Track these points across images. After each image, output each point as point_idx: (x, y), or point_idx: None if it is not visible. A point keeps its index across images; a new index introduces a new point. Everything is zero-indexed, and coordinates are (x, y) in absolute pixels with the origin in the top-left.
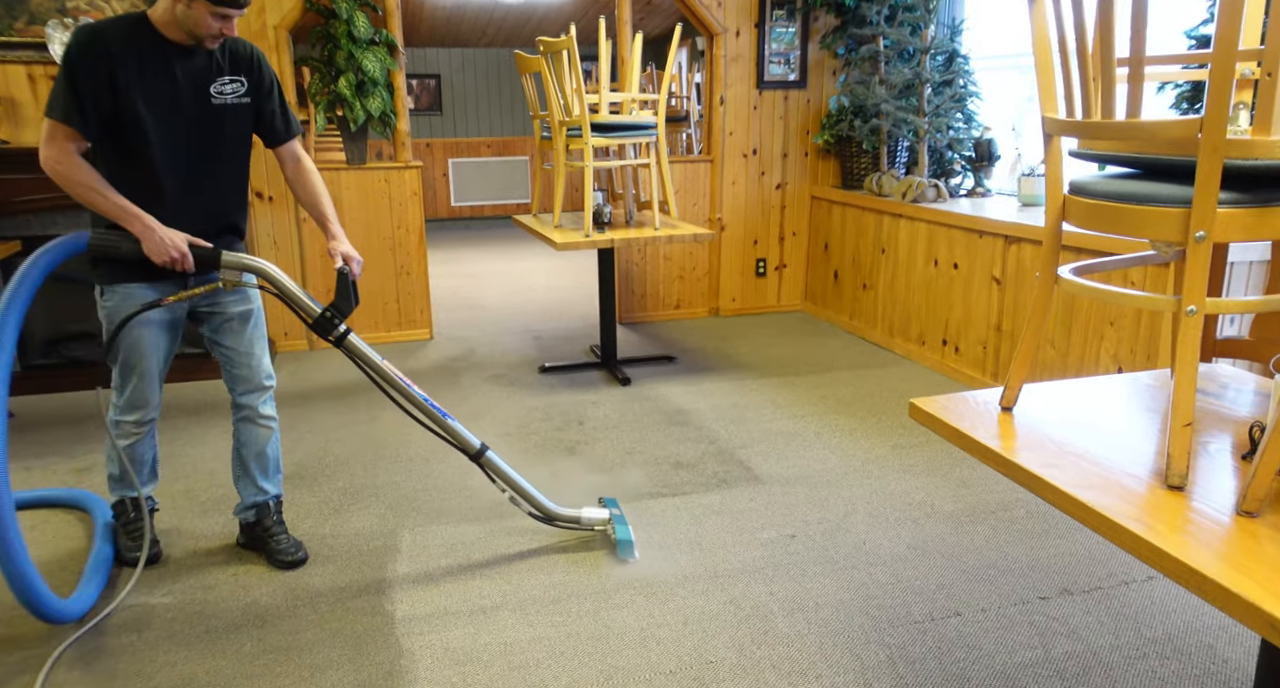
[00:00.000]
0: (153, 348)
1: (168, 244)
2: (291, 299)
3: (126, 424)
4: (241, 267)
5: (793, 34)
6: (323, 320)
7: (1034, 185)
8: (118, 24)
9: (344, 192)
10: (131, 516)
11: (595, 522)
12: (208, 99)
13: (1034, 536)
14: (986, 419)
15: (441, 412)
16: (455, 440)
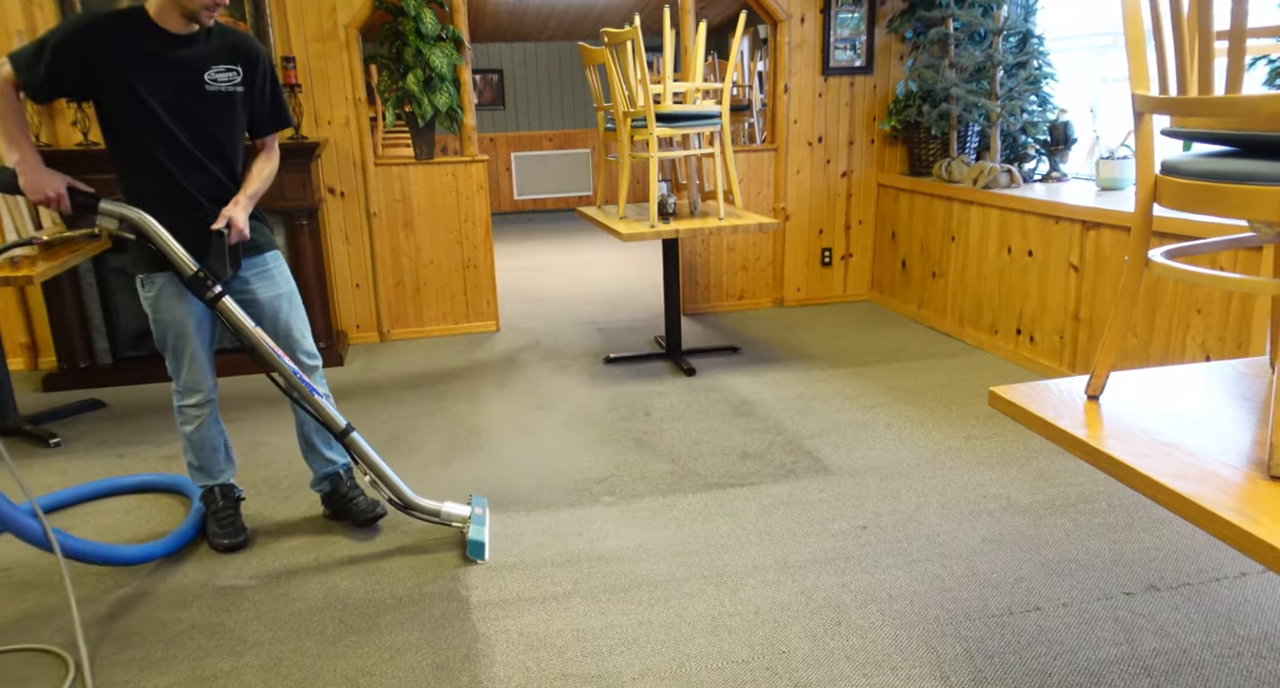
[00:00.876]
0: (193, 331)
1: (42, 182)
2: (167, 253)
3: (188, 408)
4: (118, 215)
5: (859, 19)
6: (195, 279)
7: (1114, 169)
8: (117, 17)
9: (412, 186)
10: (220, 504)
11: (454, 518)
12: (202, 85)
13: (1117, 529)
14: (1071, 408)
15: (311, 388)
16: (322, 417)
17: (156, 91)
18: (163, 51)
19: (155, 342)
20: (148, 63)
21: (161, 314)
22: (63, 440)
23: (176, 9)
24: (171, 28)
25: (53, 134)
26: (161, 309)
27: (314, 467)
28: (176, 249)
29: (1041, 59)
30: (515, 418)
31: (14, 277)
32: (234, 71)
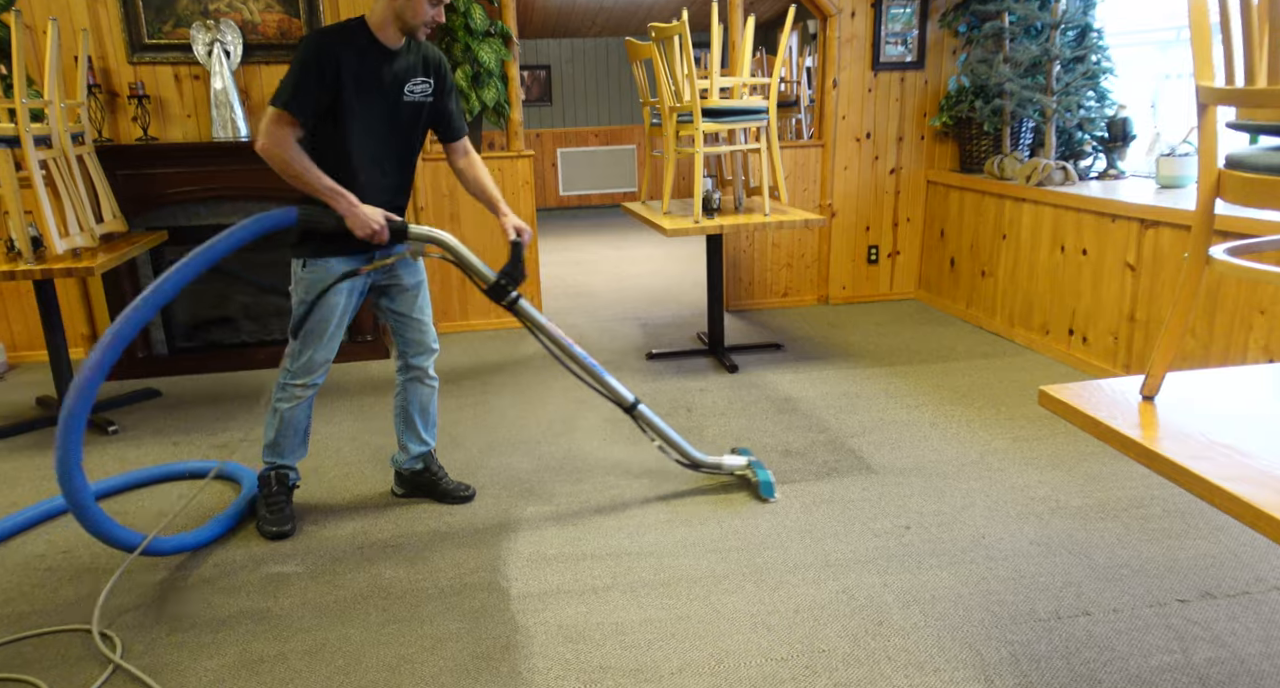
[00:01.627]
0: (342, 317)
1: (368, 219)
2: (469, 267)
3: (296, 387)
4: (427, 238)
5: (910, 13)
6: (497, 287)
7: (1175, 166)
8: (342, 29)
9: (458, 183)
10: (274, 489)
11: (735, 467)
12: (401, 96)
13: (1171, 535)
14: (1125, 408)
15: (600, 370)
16: (611, 395)
17: (368, 102)
18: (379, 64)
19: (293, 321)
20: (367, 75)
21: (310, 295)
22: (120, 428)
23: (397, 25)
24: (388, 42)
25: (114, 130)
26: (313, 291)
27: (409, 445)
28: (477, 263)
29: (1100, 53)
30: (557, 413)
31: (76, 267)
32: (428, 83)
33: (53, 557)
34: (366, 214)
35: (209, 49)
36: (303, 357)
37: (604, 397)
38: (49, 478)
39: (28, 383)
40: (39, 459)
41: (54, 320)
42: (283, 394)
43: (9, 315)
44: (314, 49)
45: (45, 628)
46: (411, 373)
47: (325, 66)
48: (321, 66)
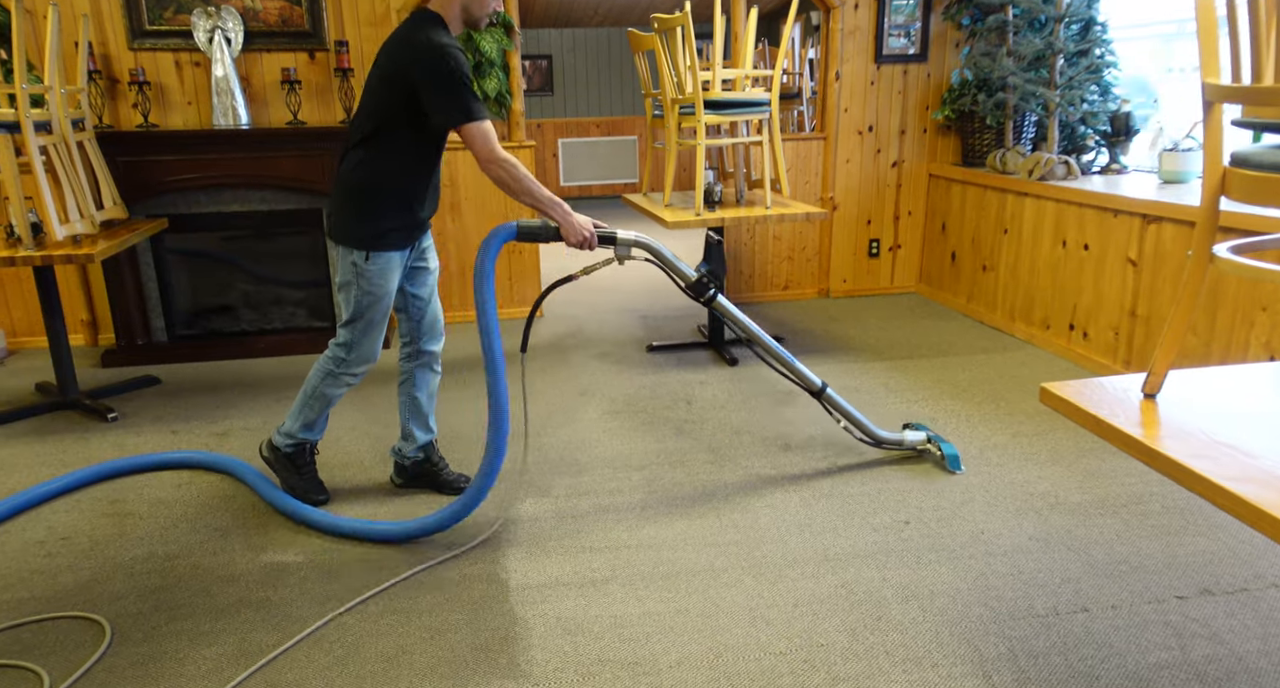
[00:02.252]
0: (389, 310)
1: (581, 227)
2: (670, 267)
3: (348, 376)
4: (634, 243)
5: (914, 5)
6: (699, 285)
7: (1178, 161)
8: (443, 30)
9: (460, 172)
10: (307, 459)
11: (917, 443)
12: None
13: (1170, 532)
14: (1127, 406)
15: (791, 358)
16: (800, 381)
17: None
18: None
19: (353, 311)
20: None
21: (376, 288)
22: (119, 415)
23: (463, 18)
24: (454, 31)
25: (114, 116)
26: (380, 283)
27: (416, 432)
28: (680, 263)
29: (1104, 47)
30: (557, 404)
31: (76, 254)
32: None
33: (52, 543)
34: (579, 222)
35: (210, 36)
36: (362, 345)
37: (795, 383)
38: (48, 463)
39: (27, 369)
40: (38, 445)
41: (54, 307)
42: (334, 381)
43: (9, 301)
44: (457, 56)
45: (44, 614)
46: (422, 359)
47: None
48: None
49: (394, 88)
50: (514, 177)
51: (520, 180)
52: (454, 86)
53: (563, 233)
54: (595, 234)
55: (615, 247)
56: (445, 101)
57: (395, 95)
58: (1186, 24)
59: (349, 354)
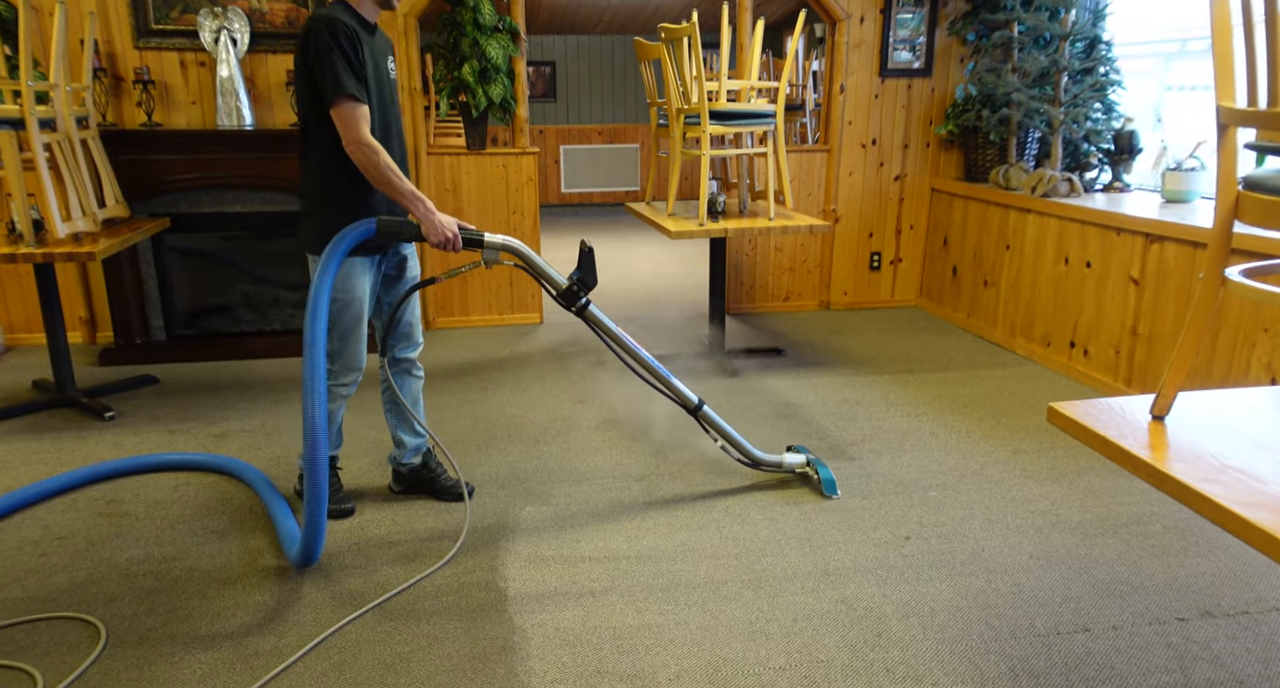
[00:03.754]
0: (365, 314)
1: (443, 227)
2: (541, 274)
3: (338, 387)
4: (501, 246)
5: (919, 19)
6: (569, 292)
7: (1181, 180)
8: (339, 8)
9: (463, 176)
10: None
11: (796, 466)
12: (387, 73)
13: (1171, 553)
14: (1135, 427)
15: (667, 373)
16: (677, 397)
17: (371, 80)
18: (368, 40)
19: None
20: (367, 53)
21: (343, 295)
22: (117, 415)
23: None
24: (368, 16)
25: (118, 115)
26: (344, 290)
27: (406, 438)
28: (550, 270)
29: (1109, 66)
30: (556, 411)
31: (77, 252)
32: (392, 60)
33: (47, 542)
34: (442, 220)
35: (216, 36)
36: (344, 355)
37: (669, 398)
38: (44, 461)
39: (24, 366)
40: (34, 443)
41: (53, 304)
42: (329, 395)
43: (7, 298)
44: (335, 28)
45: (39, 615)
46: (401, 366)
47: (354, 42)
48: (353, 43)
49: (302, 78)
50: (375, 164)
51: (382, 170)
52: (329, 58)
53: (424, 231)
54: (459, 235)
55: (483, 249)
56: (322, 74)
57: (306, 87)
58: (1190, 43)
59: (334, 365)
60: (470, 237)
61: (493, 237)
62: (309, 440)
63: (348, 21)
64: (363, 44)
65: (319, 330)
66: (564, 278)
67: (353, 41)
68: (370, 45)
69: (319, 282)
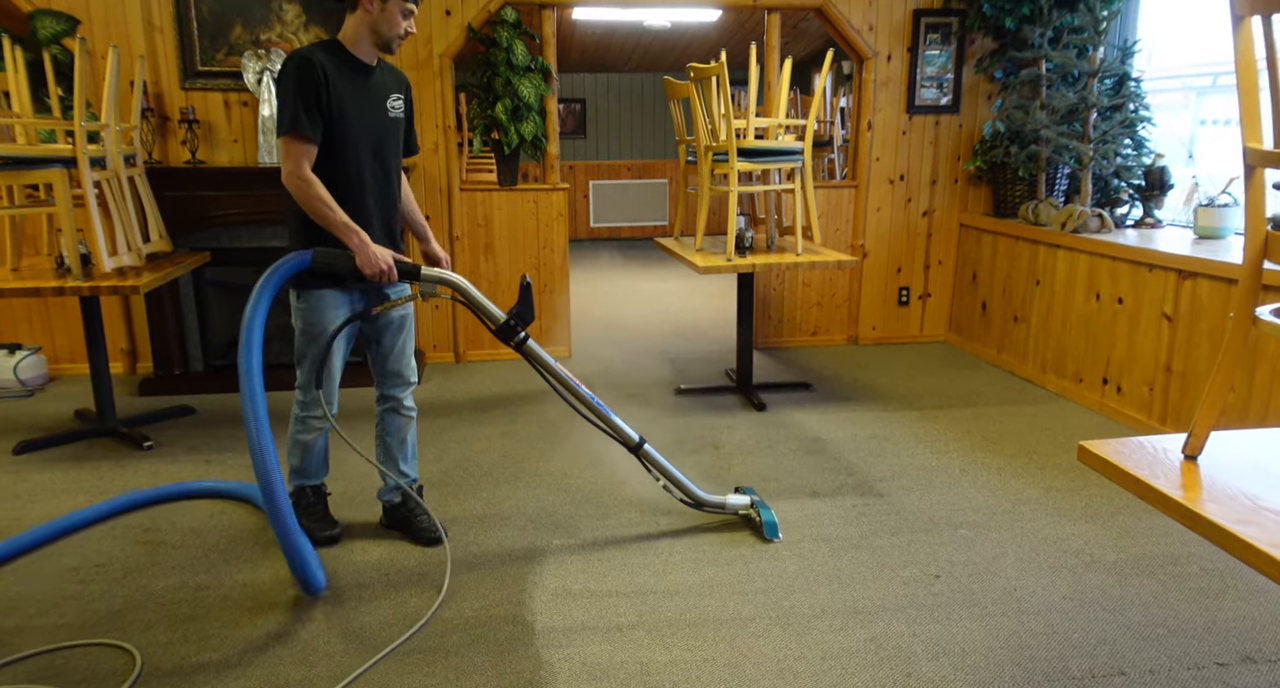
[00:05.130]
0: (340, 351)
1: (377, 258)
2: (479, 308)
3: (313, 419)
4: (438, 280)
5: (947, 57)
6: (506, 328)
7: (1214, 216)
8: (322, 47)
9: (495, 211)
10: (311, 500)
11: (739, 507)
12: (386, 111)
13: (1209, 595)
14: (1167, 467)
15: (606, 410)
16: (617, 435)
17: (360, 117)
18: (361, 79)
19: (296, 353)
20: (353, 90)
21: (314, 326)
22: (155, 444)
23: (371, 39)
24: (364, 57)
25: (164, 152)
26: (315, 321)
27: (388, 479)
28: (487, 304)
29: (1138, 102)
30: (583, 445)
31: (122, 286)
32: (401, 100)
33: (86, 570)
34: (376, 253)
35: (259, 77)
36: (312, 389)
37: (610, 437)
38: (85, 490)
39: (67, 395)
40: (75, 472)
41: (97, 336)
42: (302, 427)
43: (53, 328)
44: (302, 66)
45: (76, 641)
46: (389, 404)
47: (318, 81)
48: (316, 81)
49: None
50: (307, 196)
51: (313, 202)
52: (283, 93)
53: (358, 262)
54: (394, 267)
55: (420, 282)
56: (278, 107)
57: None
58: (1221, 77)
59: (305, 396)
60: (406, 269)
61: (429, 270)
62: (258, 472)
63: (322, 60)
64: (330, 82)
65: (252, 363)
66: (502, 313)
67: (316, 80)
68: (357, 84)
69: (250, 313)
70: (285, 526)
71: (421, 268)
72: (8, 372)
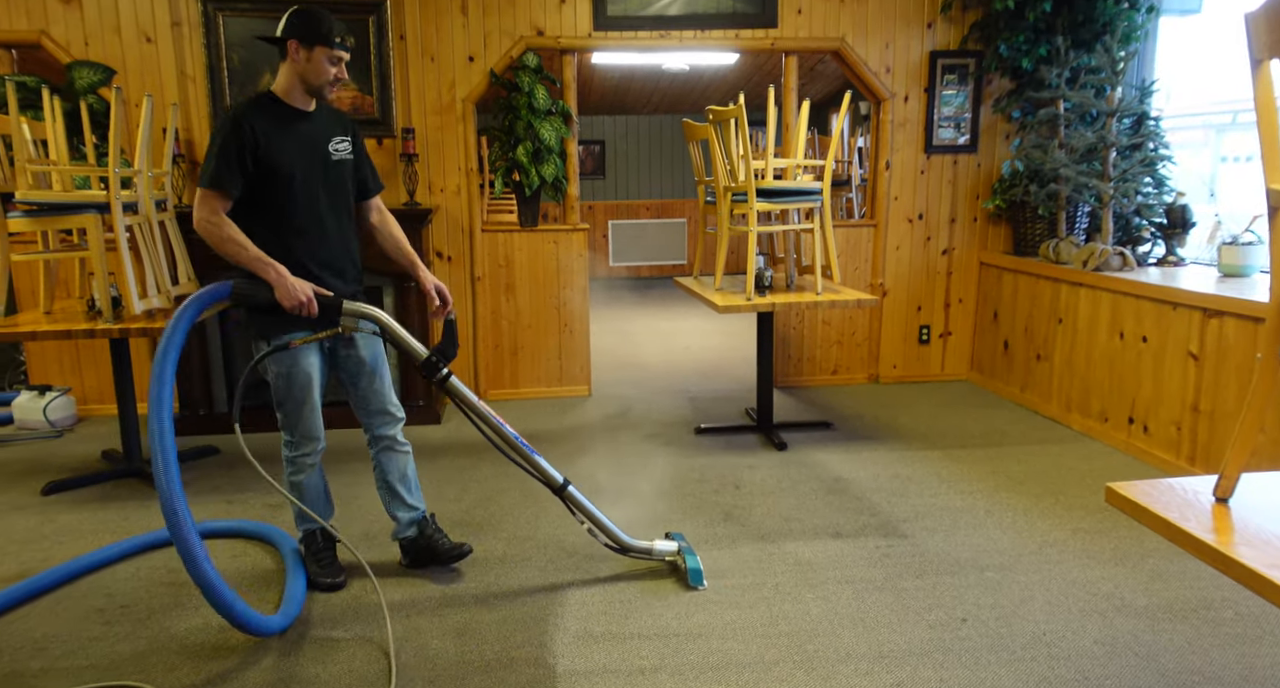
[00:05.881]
0: (315, 386)
1: (296, 291)
2: (401, 343)
3: (300, 458)
4: (358, 314)
5: (964, 98)
6: (429, 364)
7: (1238, 254)
8: (255, 101)
9: (515, 252)
10: (320, 545)
11: (666, 553)
12: (329, 156)
13: (1245, 641)
14: (1198, 510)
15: (530, 449)
16: (541, 475)
17: (295, 164)
18: (294, 127)
19: (275, 395)
20: (285, 138)
21: (284, 368)
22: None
23: (302, 87)
24: (296, 104)
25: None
26: (286, 364)
27: (398, 515)
28: (408, 337)
29: (1158, 141)
30: (604, 484)
31: (151, 328)
32: (346, 141)
33: (111, 611)
34: (294, 286)
35: None
36: (297, 428)
37: (533, 477)
38: (111, 530)
39: (95, 436)
40: (101, 512)
41: (125, 377)
42: (292, 468)
43: (82, 369)
44: (229, 123)
45: (101, 683)
46: (382, 444)
47: (243, 137)
48: (240, 138)
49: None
50: (219, 239)
51: (225, 244)
52: (211, 147)
53: (277, 295)
54: (313, 300)
55: (340, 315)
56: (205, 160)
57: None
58: (1240, 114)
59: (291, 436)
60: (327, 302)
61: (351, 304)
62: (165, 515)
63: (253, 116)
64: (260, 135)
65: (163, 395)
66: (425, 349)
67: (241, 140)
68: (292, 131)
69: (163, 344)
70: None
71: (344, 302)
72: (37, 413)
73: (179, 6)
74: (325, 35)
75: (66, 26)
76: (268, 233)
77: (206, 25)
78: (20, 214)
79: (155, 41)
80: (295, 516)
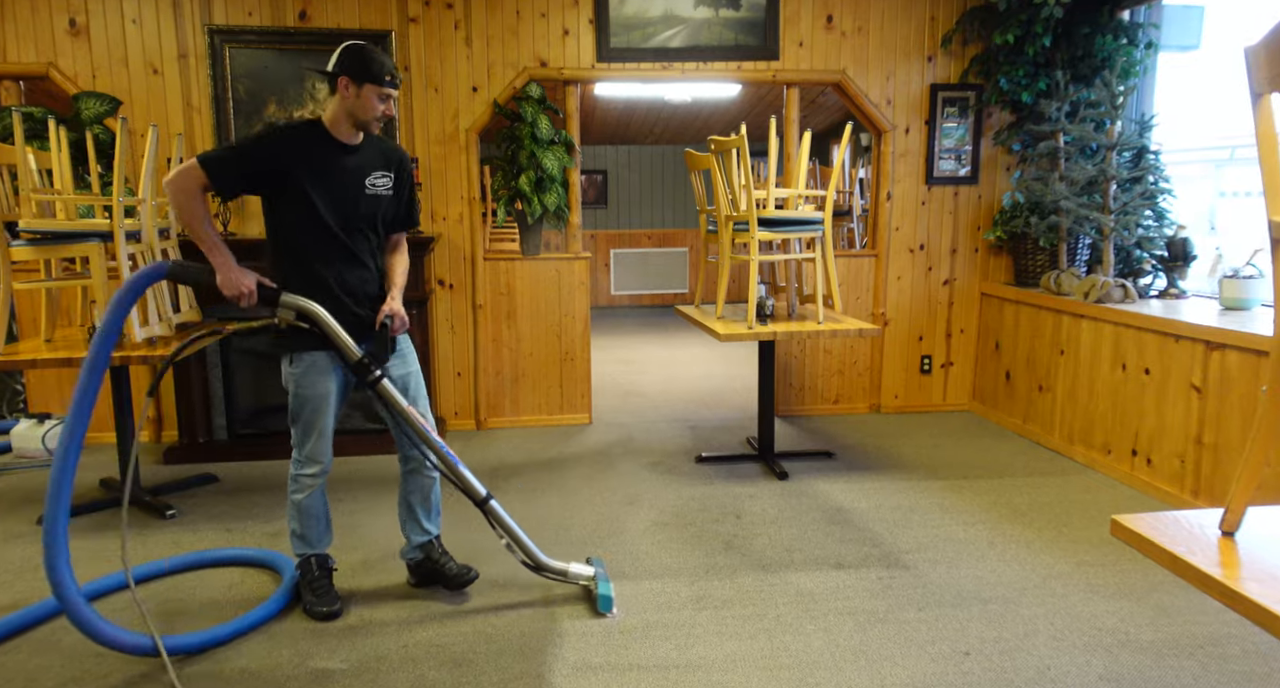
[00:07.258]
0: (329, 407)
1: (238, 280)
2: (334, 340)
3: (305, 477)
4: (295, 307)
5: (964, 130)
6: (360, 365)
7: (1239, 288)
8: (304, 124)
9: (517, 281)
10: (315, 573)
11: (580, 577)
12: (364, 190)
13: (1254, 678)
14: (1204, 544)
15: (455, 460)
16: (464, 486)
17: (327, 195)
18: (335, 159)
19: (290, 414)
20: (323, 169)
21: (305, 389)
22: (177, 512)
23: (350, 120)
24: (342, 137)
25: (241, 225)
26: (306, 385)
27: (410, 535)
28: (344, 337)
29: (1158, 174)
30: (604, 513)
31: (151, 356)
32: (388, 177)
33: None
34: (237, 275)
35: None
36: (304, 447)
37: (457, 487)
38: (109, 559)
39: (92, 464)
40: (97, 541)
41: (124, 405)
42: (295, 486)
43: None
44: (263, 135)
45: None
46: (410, 464)
47: (263, 154)
48: (259, 152)
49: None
50: (179, 205)
51: (183, 209)
52: (236, 140)
53: (218, 281)
54: (255, 291)
55: (277, 308)
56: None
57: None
58: (1239, 150)
59: (299, 455)
60: (267, 294)
61: (290, 297)
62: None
63: (295, 137)
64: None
65: (91, 384)
66: (359, 350)
67: (267, 153)
68: (331, 162)
69: (104, 325)
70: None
71: (283, 294)
72: (36, 441)
73: (186, 39)
74: (376, 74)
75: (74, 58)
76: (295, 257)
77: (213, 57)
78: (24, 243)
79: (162, 73)
80: (292, 541)
